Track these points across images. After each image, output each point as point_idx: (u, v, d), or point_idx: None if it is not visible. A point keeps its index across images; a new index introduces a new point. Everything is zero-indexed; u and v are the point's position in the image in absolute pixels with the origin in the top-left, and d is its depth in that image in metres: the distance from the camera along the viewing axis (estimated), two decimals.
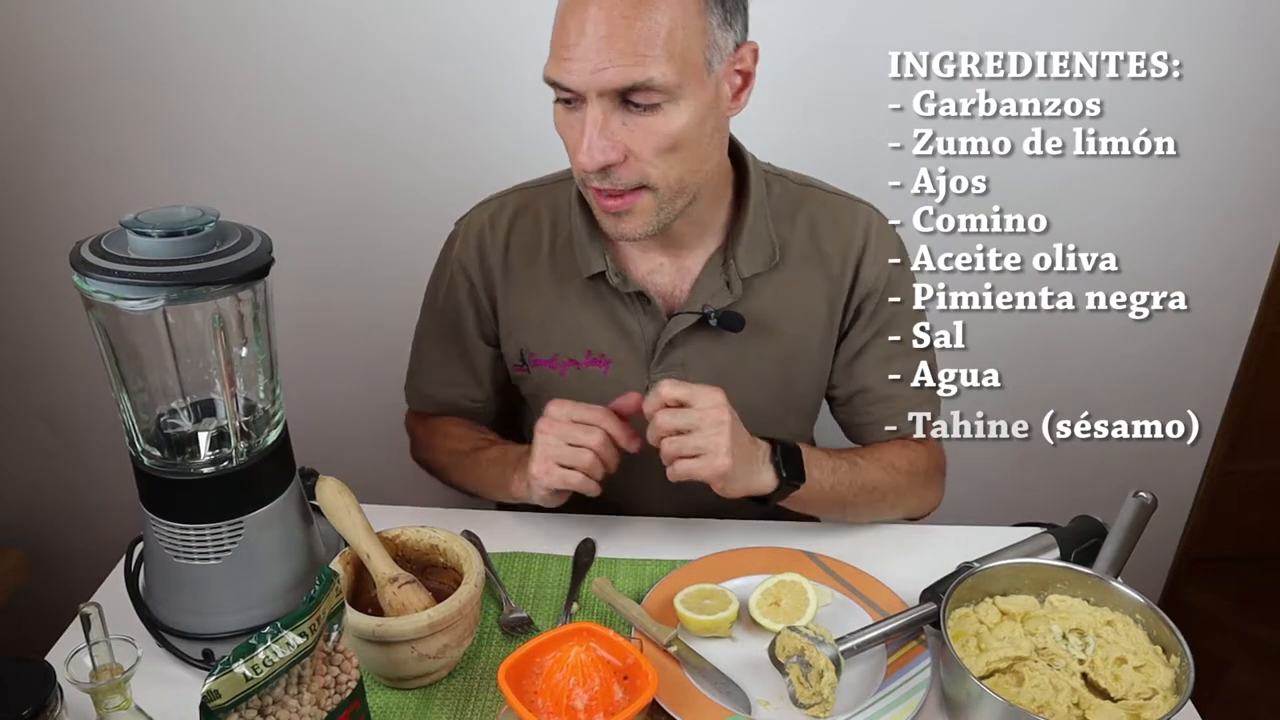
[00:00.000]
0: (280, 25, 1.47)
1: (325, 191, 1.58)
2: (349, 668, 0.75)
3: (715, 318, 1.04)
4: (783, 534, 1.10)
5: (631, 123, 0.91)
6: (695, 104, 0.92)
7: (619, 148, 0.91)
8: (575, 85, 0.89)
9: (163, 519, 0.85)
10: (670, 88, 0.89)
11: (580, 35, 0.87)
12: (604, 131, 0.90)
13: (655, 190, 0.94)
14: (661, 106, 0.90)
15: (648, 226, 0.97)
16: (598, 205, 0.97)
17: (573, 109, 0.92)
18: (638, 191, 0.94)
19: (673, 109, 0.91)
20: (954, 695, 0.85)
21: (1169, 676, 0.83)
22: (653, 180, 0.94)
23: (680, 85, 0.90)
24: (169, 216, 0.80)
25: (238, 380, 0.87)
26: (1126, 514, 0.99)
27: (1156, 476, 1.30)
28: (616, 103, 0.90)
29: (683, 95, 0.91)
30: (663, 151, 0.92)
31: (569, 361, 1.11)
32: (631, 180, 0.93)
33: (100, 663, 0.70)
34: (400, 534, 0.94)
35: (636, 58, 0.87)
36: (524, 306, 1.12)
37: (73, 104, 1.51)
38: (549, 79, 0.91)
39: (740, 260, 1.05)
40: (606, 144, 0.90)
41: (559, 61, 0.90)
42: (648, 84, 0.88)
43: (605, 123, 0.90)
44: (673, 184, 0.95)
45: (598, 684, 0.77)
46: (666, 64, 0.88)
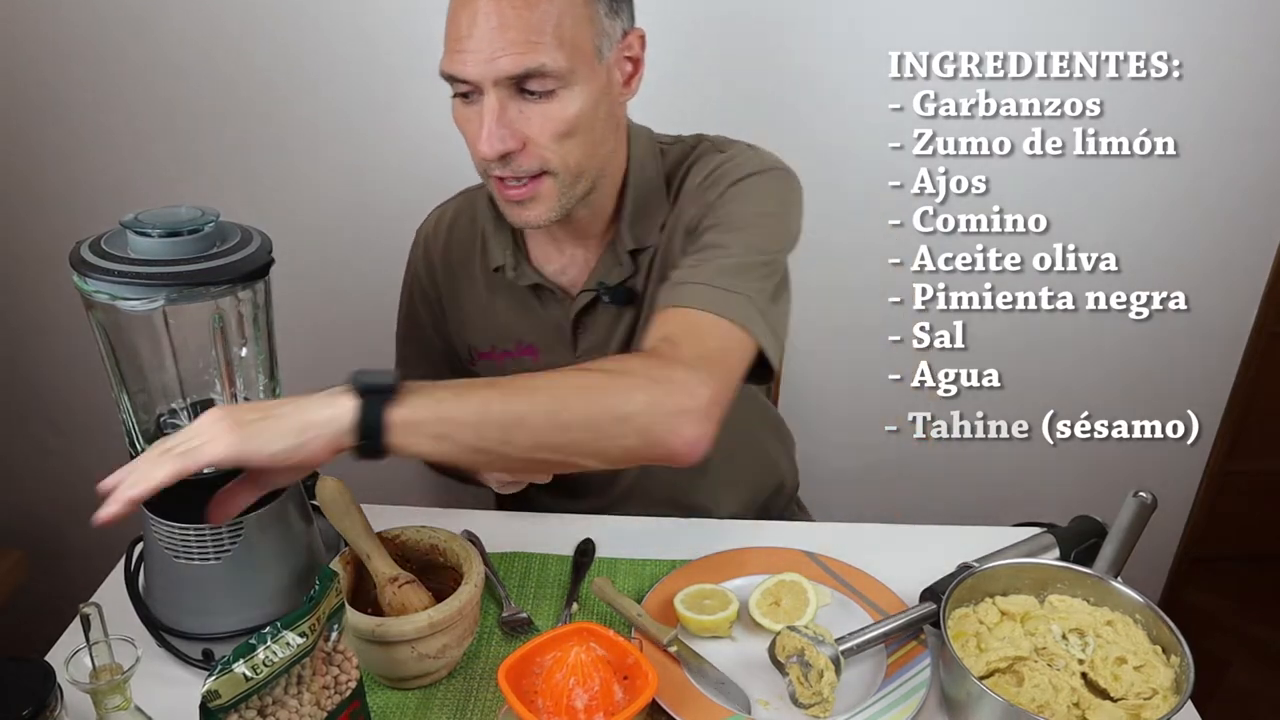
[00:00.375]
0: (280, 25, 1.47)
1: (325, 191, 1.59)
2: (349, 668, 0.75)
3: (607, 295, 1.07)
4: (783, 534, 1.10)
5: (528, 110, 0.93)
6: (588, 90, 0.94)
7: (517, 135, 0.93)
8: (471, 76, 0.91)
9: (162, 519, 0.85)
10: (562, 74, 0.91)
11: (473, 27, 0.90)
12: (501, 120, 0.92)
13: (555, 175, 0.97)
14: (556, 93, 0.92)
15: (550, 212, 0.99)
16: (501, 195, 0.99)
17: (470, 102, 0.94)
18: (539, 178, 0.96)
19: (567, 95, 0.93)
20: (954, 695, 0.85)
21: (1169, 676, 0.83)
22: (552, 165, 0.96)
23: (572, 71, 0.92)
24: (169, 216, 0.80)
25: (238, 380, 0.87)
26: (1126, 514, 0.99)
27: (1156, 476, 1.30)
28: (512, 91, 0.92)
29: (575, 81, 0.93)
30: (560, 137, 0.94)
31: (504, 353, 1.15)
32: (532, 167, 0.95)
33: (100, 663, 0.70)
34: (400, 534, 0.94)
35: (528, 45, 0.89)
36: (464, 304, 1.17)
37: (73, 104, 1.51)
38: (445, 73, 0.93)
39: (624, 235, 1.07)
40: (505, 132, 0.92)
41: (453, 55, 0.92)
42: (540, 70, 0.90)
43: (502, 111, 0.92)
44: (571, 168, 0.97)
45: (598, 684, 0.77)
46: (557, 50, 0.90)
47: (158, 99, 1.51)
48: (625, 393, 0.81)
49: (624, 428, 0.81)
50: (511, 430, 0.78)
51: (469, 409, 0.77)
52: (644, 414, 0.81)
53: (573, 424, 0.80)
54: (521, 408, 0.79)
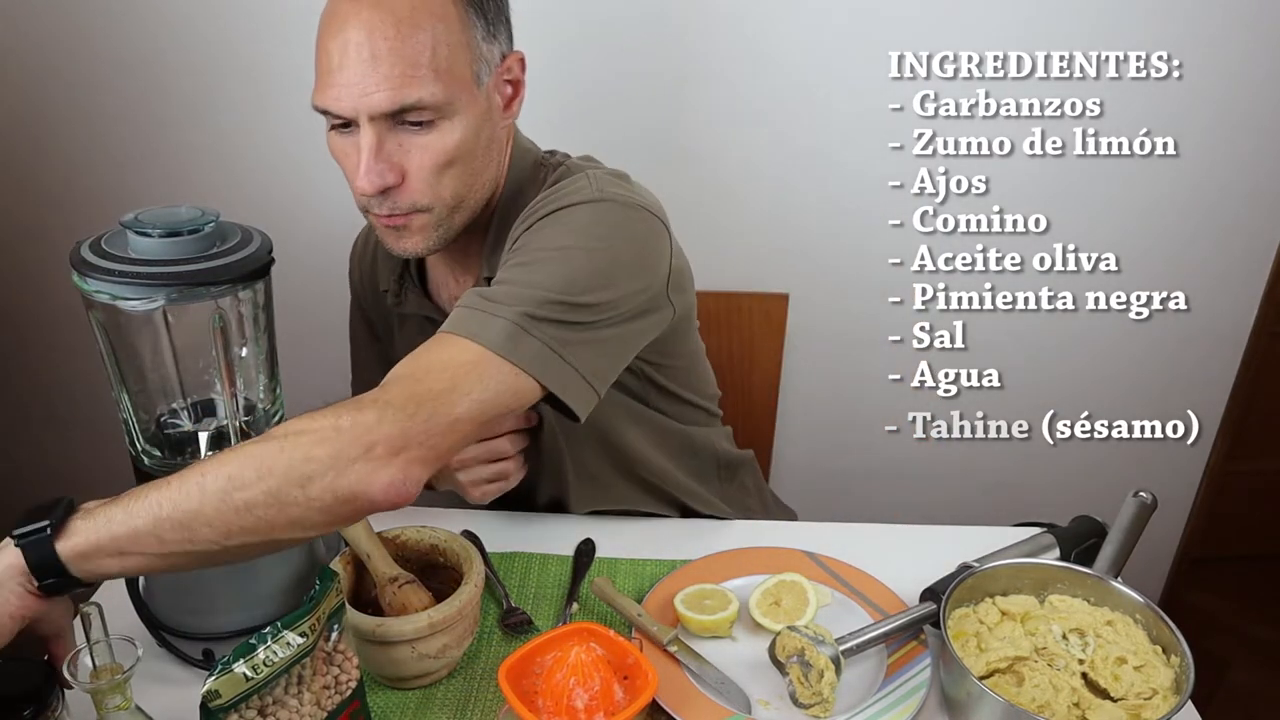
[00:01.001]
0: (280, 25, 1.47)
1: (325, 191, 1.58)
2: (349, 668, 0.75)
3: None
4: (783, 534, 1.10)
5: (407, 142, 0.90)
6: (467, 118, 0.91)
7: (396, 169, 0.90)
8: (344, 111, 0.88)
9: None
10: (440, 105, 0.88)
11: (344, 59, 0.86)
12: (379, 155, 0.89)
13: (430, 210, 0.94)
14: (435, 124, 0.89)
15: (426, 242, 0.96)
16: (377, 224, 0.96)
17: (346, 133, 0.91)
18: (411, 213, 0.94)
19: (446, 125, 0.90)
20: (954, 695, 0.85)
21: (1169, 676, 0.83)
22: (425, 201, 0.93)
23: (450, 102, 0.89)
24: (169, 216, 0.80)
25: (238, 380, 0.87)
26: (1126, 514, 0.99)
27: (1156, 476, 1.30)
28: (389, 124, 0.89)
29: (455, 111, 0.90)
30: (440, 169, 0.91)
31: None
32: (406, 204, 0.92)
33: (100, 663, 0.70)
34: (400, 534, 0.94)
35: (404, 79, 0.86)
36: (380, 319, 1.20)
37: (73, 104, 1.51)
38: (318, 107, 0.90)
39: (484, 264, 1.03)
40: (384, 166, 0.89)
41: (325, 89, 0.88)
42: (417, 104, 0.87)
43: (379, 146, 0.88)
44: (448, 201, 0.94)
45: (598, 684, 0.77)
46: (434, 83, 0.87)
47: (158, 99, 1.51)
48: (304, 453, 0.73)
49: (310, 490, 0.72)
50: (192, 528, 0.71)
51: (139, 520, 0.71)
52: (327, 471, 0.72)
53: (253, 503, 0.71)
54: (192, 502, 0.71)
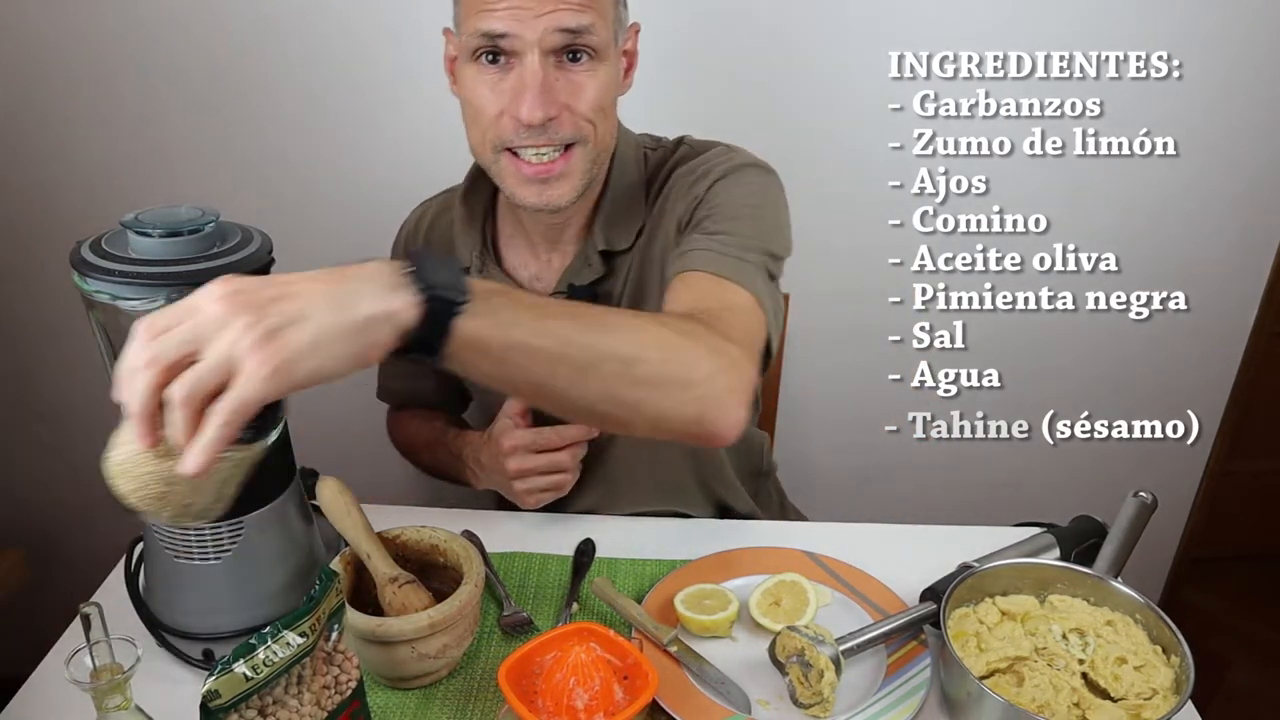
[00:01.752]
0: (280, 24, 1.47)
1: (325, 191, 1.59)
2: (349, 668, 0.75)
3: (566, 296, 1.04)
4: (783, 534, 1.10)
5: (564, 79, 0.91)
6: (611, 71, 0.94)
7: (557, 103, 0.90)
8: (520, 30, 0.87)
9: None
10: (602, 46, 0.91)
11: None
12: (545, 83, 0.89)
13: (586, 145, 0.94)
14: (594, 64, 0.92)
15: (574, 191, 0.96)
16: (518, 174, 0.94)
17: (500, 67, 0.91)
18: (569, 150, 0.93)
19: (600, 69, 0.92)
20: (954, 695, 0.85)
21: (1169, 676, 0.83)
22: (585, 132, 0.93)
23: (605, 45, 0.92)
24: (169, 216, 0.80)
25: None
26: (1126, 514, 0.99)
27: (1156, 476, 1.30)
28: (551, 59, 0.90)
29: (605, 58, 0.93)
30: (595, 109, 0.93)
31: None
32: (567, 134, 0.92)
33: (100, 663, 0.70)
34: (400, 534, 0.94)
35: (581, 3, 0.88)
36: None
37: (73, 104, 1.51)
38: (478, 31, 0.88)
39: (597, 235, 1.04)
40: (547, 98, 0.89)
41: (491, 10, 0.87)
42: (590, 29, 0.89)
43: (544, 78, 0.89)
44: (601, 143, 0.95)
45: (598, 684, 0.77)
46: (597, 16, 0.90)
47: (158, 99, 1.51)
48: (694, 358, 0.74)
49: (687, 395, 0.73)
50: (587, 372, 0.68)
51: (547, 339, 0.66)
52: (705, 384, 0.74)
53: (647, 379, 0.71)
54: (603, 349, 0.68)
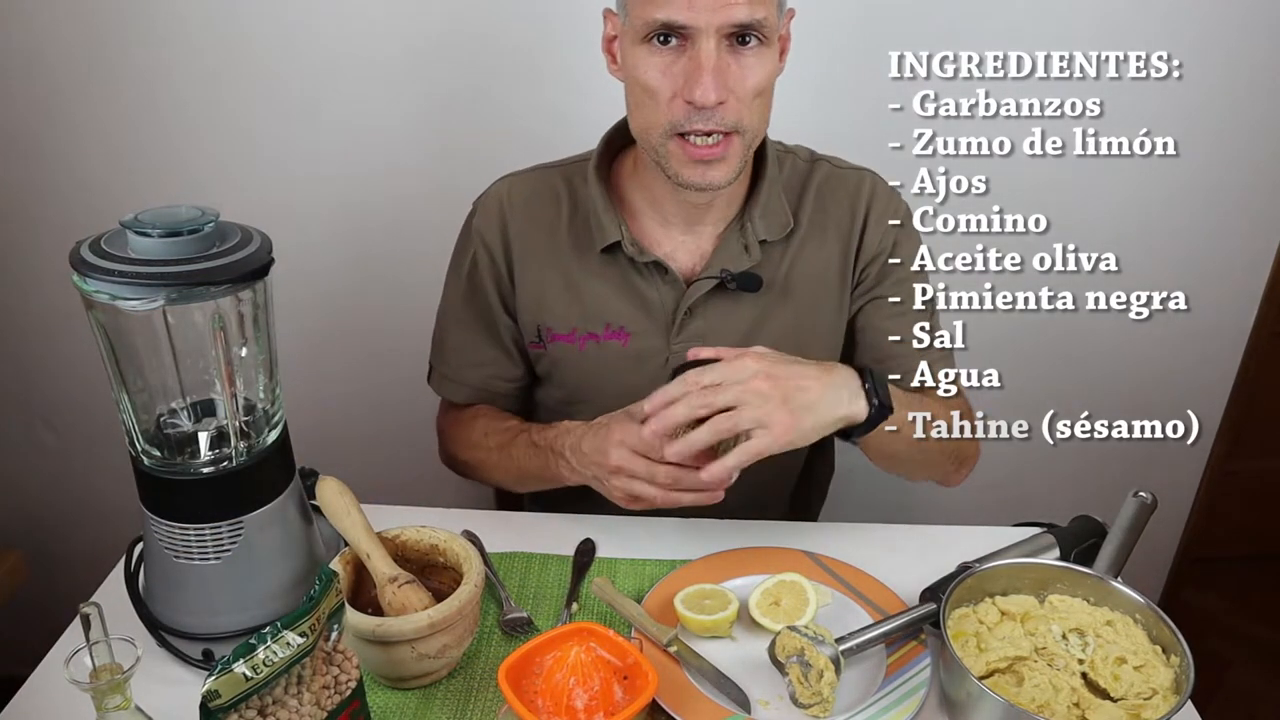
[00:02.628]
0: (280, 24, 1.47)
1: (326, 191, 1.59)
2: (349, 668, 0.75)
3: (733, 281, 1.07)
4: (783, 534, 1.10)
5: (736, 63, 0.95)
6: (774, 55, 0.98)
7: (726, 87, 0.95)
8: (695, 21, 0.92)
9: (163, 519, 0.85)
10: (770, 32, 0.95)
11: None
12: (718, 68, 0.94)
13: (743, 135, 0.98)
14: (761, 49, 0.95)
15: (732, 173, 1.01)
16: (684, 155, 0.99)
17: (672, 49, 0.95)
18: (730, 137, 0.98)
19: (766, 54, 0.96)
20: (954, 695, 0.85)
21: (1169, 676, 0.83)
22: (745, 123, 0.97)
23: (774, 31, 0.96)
24: (169, 216, 0.80)
25: (238, 380, 0.87)
26: (1126, 514, 0.99)
27: (1156, 476, 1.30)
28: (725, 43, 0.94)
29: (772, 43, 0.96)
30: (756, 93, 0.97)
31: (588, 335, 1.12)
32: (731, 121, 0.96)
33: (100, 663, 0.70)
34: (400, 534, 0.94)
35: None
36: (541, 282, 1.13)
37: (73, 104, 1.51)
38: (657, 19, 0.93)
39: (757, 224, 1.08)
40: (720, 81, 0.94)
41: (669, 2, 0.92)
42: (763, 22, 0.93)
43: (718, 59, 0.93)
44: (756, 130, 1.00)
45: (598, 684, 0.77)
46: (768, 7, 0.93)
47: (158, 99, 1.51)
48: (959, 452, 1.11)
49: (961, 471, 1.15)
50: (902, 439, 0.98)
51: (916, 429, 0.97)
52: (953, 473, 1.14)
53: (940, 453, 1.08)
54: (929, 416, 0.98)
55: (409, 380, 1.33)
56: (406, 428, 1.65)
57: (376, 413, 1.75)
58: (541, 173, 1.16)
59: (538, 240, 1.13)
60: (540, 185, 1.14)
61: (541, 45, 1.49)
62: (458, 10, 1.47)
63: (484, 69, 1.50)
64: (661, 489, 0.94)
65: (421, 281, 1.27)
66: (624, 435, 0.95)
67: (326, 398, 1.69)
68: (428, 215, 1.43)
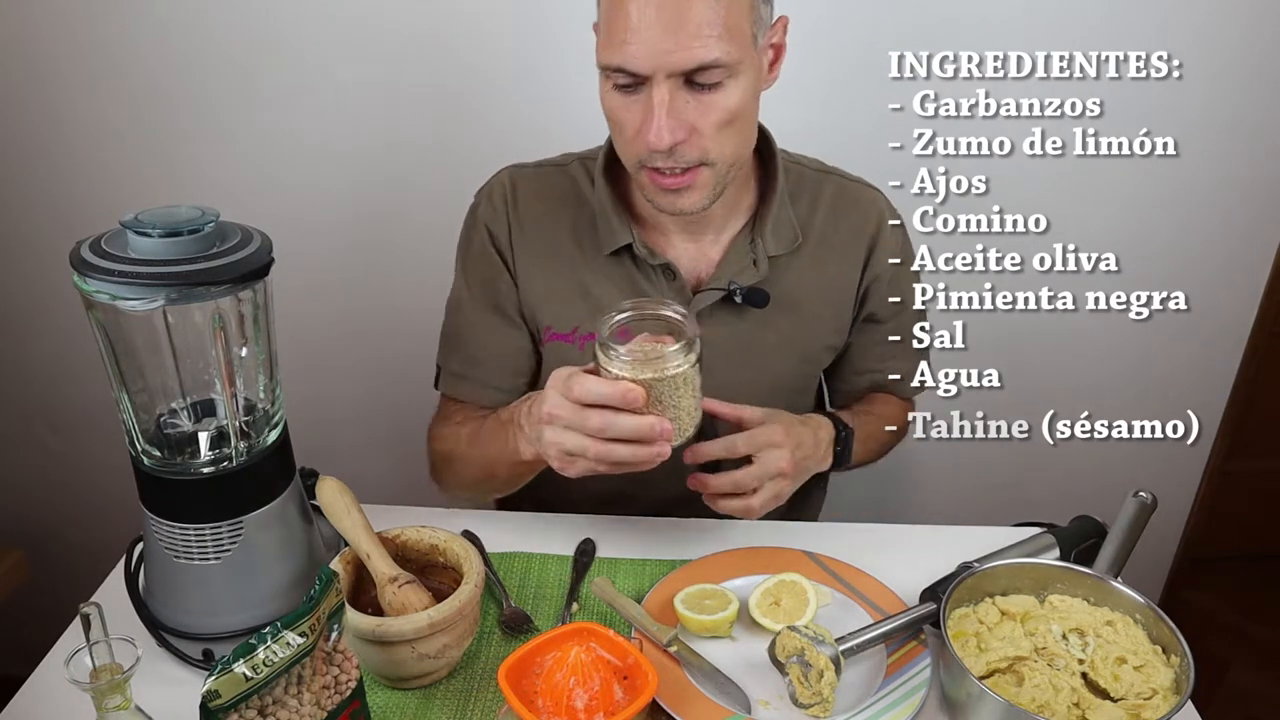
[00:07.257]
0: (280, 24, 1.47)
1: (326, 191, 1.59)
2: (349, 668, 0.75)
3: (741, 294, 1.07)
4: (783, 534, 1.10)
5: (694, 101, 0.93)
6: (749, 77, 0.95)
7: (685, 126, 0.93)
8: (642, 69, 0.91)
9: (163, 519, 0.85)
10: (731, 65, 0.92)
11: (641, 19, 0.89)
12: (671, 111, 0.92)
13: (714, 165, 0.97)
14: (723, 84, 0.93)
15: (704, 200, 1.00)
16: (653, 184, 0.98)
17: (630, 92, 0.94)
18: (697, 169, 0.97)
19: (732, 85, 0.94)
20: (954, 695, 0.85)
21: (1169, 676, 0.83)
22: (712, 156, 0.96)
23: (739, 61, 0.93)
24: (169, 216, 0.80)
25: (238, 380, 0.87)
26: (1126, 514, 0.99)
27: (1156, 476, 1.30)
28: (680, 83, 0.92)
29: (740, 71, 0.94)
30: (723, 127, 0.95)
31: (588, 336, 1.11)
32: (694, 158, 0.96)
33: (100, 663, 0.70)
34: (400, 534, 0.94)
35: (701, 39, 0.89)
36: (543, 281, 1.12)
37: (73, 104, 1.51)
38: (609, 64, 0.93)
39: (767, 239, 1.08)
40: (674, 123, 0.93)
41: (620, 46, 0.91)
42: (714, 63, 0.91)
43: (672, 103, 0.92)
44: (729, 158, 0.98)
45: (598, 684, 0.77)
46: (728, 42, 0.91)
47: (158, 99, 1.51)
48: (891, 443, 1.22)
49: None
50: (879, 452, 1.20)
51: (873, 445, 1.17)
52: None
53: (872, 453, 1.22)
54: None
55: (409, 380, 1.33)
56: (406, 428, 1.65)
57: (376, 413, 1.75)
58: (547, 170, 1.15)
59: (542, 237, 1.12)
60: (546, 183, 1.14)
61: (541, 42, 1.49)
62: (458, 7, 1.47)
63: (484, 67, 1.50)
64: (593, 439, 0.86)
65: (422, 281, 1.27)
66: (557, 382, 0.88)
67: (326, 398, 1.69)
68: (428, 215, 1.43)
